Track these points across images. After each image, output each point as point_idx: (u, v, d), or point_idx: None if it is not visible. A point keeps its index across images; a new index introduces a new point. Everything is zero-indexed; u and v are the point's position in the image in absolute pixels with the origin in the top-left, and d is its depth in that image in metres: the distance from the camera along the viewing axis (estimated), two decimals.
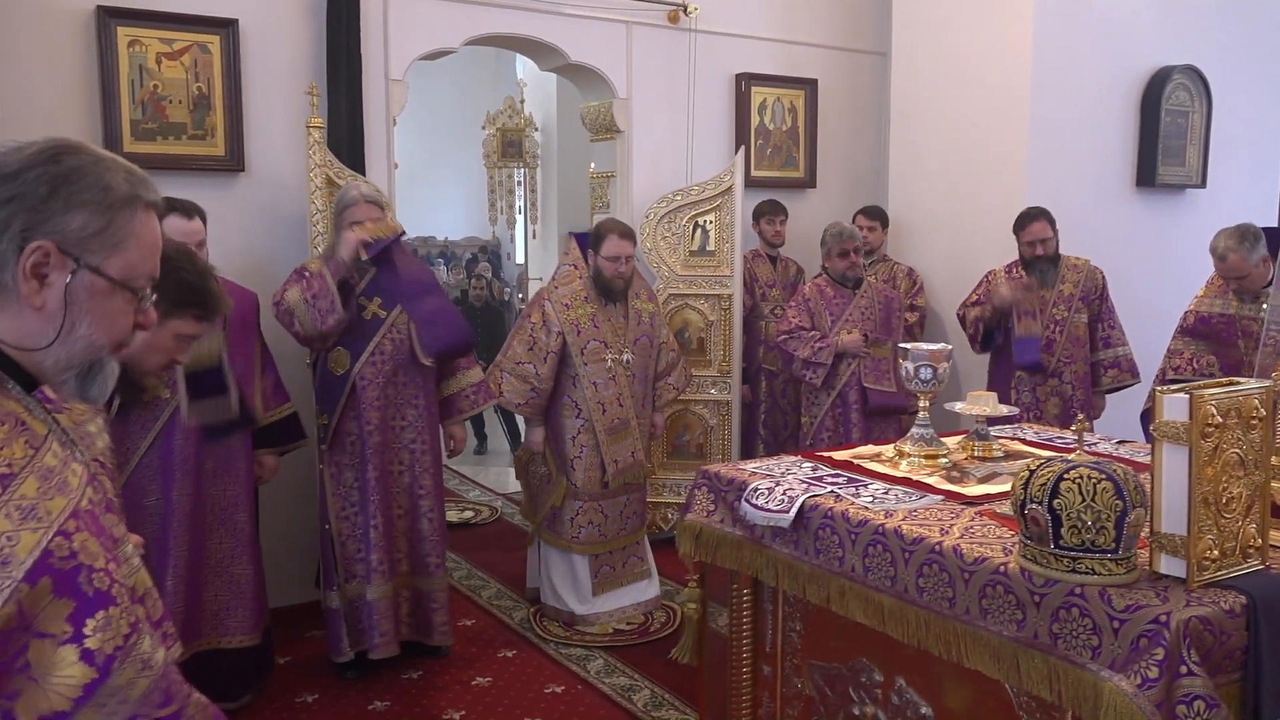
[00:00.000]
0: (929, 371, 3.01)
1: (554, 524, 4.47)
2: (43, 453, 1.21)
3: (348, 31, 4.57)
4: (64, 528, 1.15)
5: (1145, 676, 1.86)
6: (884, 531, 2.44)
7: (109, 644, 1.15)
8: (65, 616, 1.13)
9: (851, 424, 4.89)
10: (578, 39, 5.37)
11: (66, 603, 1.13)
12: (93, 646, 1.14)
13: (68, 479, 1.22)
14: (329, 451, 3.97)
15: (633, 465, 4.47)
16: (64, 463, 1.23)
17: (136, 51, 4.24)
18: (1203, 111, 5.92)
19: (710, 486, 3.04)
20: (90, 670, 1.13)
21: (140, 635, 1.20)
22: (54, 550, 1.13)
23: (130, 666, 1.17)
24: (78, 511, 1.19)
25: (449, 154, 12.80)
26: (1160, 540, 2.01)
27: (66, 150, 1.25)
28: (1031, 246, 4.89)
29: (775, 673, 2.96)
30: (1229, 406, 1.99)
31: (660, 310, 4.71)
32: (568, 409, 4.42)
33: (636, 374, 4.48)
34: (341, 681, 4.00)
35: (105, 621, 1.15)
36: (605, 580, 4.51)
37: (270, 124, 4.56)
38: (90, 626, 1.14)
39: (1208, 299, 4.37)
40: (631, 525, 4.56)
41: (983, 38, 5.57)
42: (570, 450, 4.42)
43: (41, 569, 1.12)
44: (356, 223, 3.87)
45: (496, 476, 7.57)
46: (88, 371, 1.29)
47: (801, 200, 6.17)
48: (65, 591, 1.13)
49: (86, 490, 1.24)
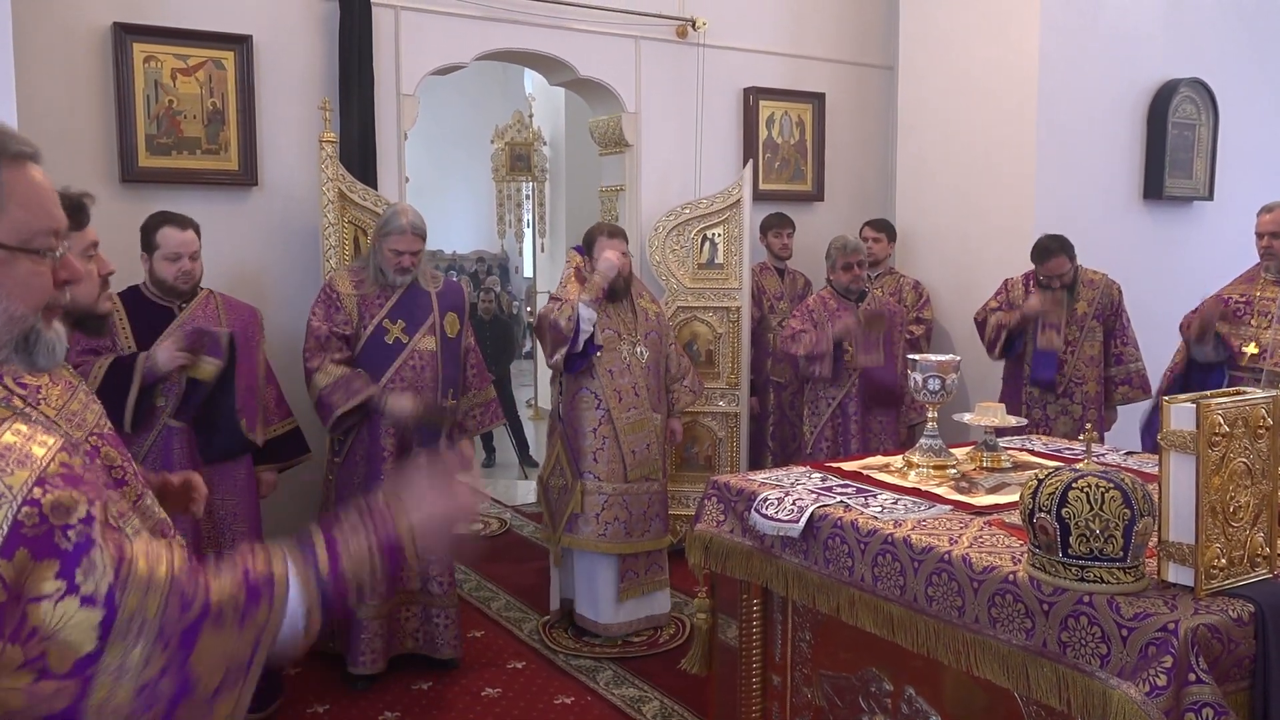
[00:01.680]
0: (937, 383, 3.02)
1: (575, 528, 4.47)
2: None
3: (360, 47, 4.62)
4: (30, 497, 1.15)
5: (1154, 684, 1.87)
6: (893, 541, 2.46)
7: (104, 581, 1.16)
8: (53, 575, 1.13)
9: (850, 434, 4.91)
10: (587, 54, 5.42)
11: (50, 563, 1.13)
12: (89, 590, 1.14)
13: (31, 450, 1.20)
14: (340, 466, 4.00)
15: (649, 458, 4.48)
16: (27, 438, 1.22)
17: (152, 67, 4.29)
18: (1209, 124, 5.94)
19: (720, 497, 3.06)
20: (97, 611, 1.14)
21: (131, 561, 1.20)
22: (23, 521, 1.13)
23: (134, 592, 1.18)
24: (44, 478, 1.17)
25: (458, 168, 12.89)
26: (1168, 549, 2.03)
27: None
28: (1051, 280, 4.87)
29: (785, 683, 2.97)
30: (1236, 416, 2.00)
31: (664, 312, 4.73)
32: (586, 401, 4.42)
33: (650, 367, 4.50)
34: (352, 692, 4.01)
35: (90, 564, 1.15)
36: (631, 586, 4.51)
37: (283, 139, 4.61)
38: (79, 574, 1.14)
39: (1233, 285, 4.37)
40: (655, 529, 4.55)
41: (989, 51, 5.60)
42: (592, 443, 4.41)
43: (14, 542, 1.12)
44: (397, 251, 3.94)
45: (505, 489, 7.59)
46: (24, 342, 1.26)
47: (809, 213, 6.20)
48: (44, 554, 1.13)
49: (59, 455, 1.22)
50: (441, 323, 4.07)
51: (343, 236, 4.42)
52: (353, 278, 4.06)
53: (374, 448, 3.97)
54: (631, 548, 4.48)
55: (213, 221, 4.36)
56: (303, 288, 4.49)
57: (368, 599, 3.90)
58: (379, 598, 3.95)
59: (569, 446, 4.47)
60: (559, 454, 4.52)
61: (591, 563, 4.50)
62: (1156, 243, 5.89)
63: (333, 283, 4.05)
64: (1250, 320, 4.15)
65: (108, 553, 1.18)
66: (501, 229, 9.83)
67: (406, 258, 3.98)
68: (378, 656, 4.00)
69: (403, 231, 3.95)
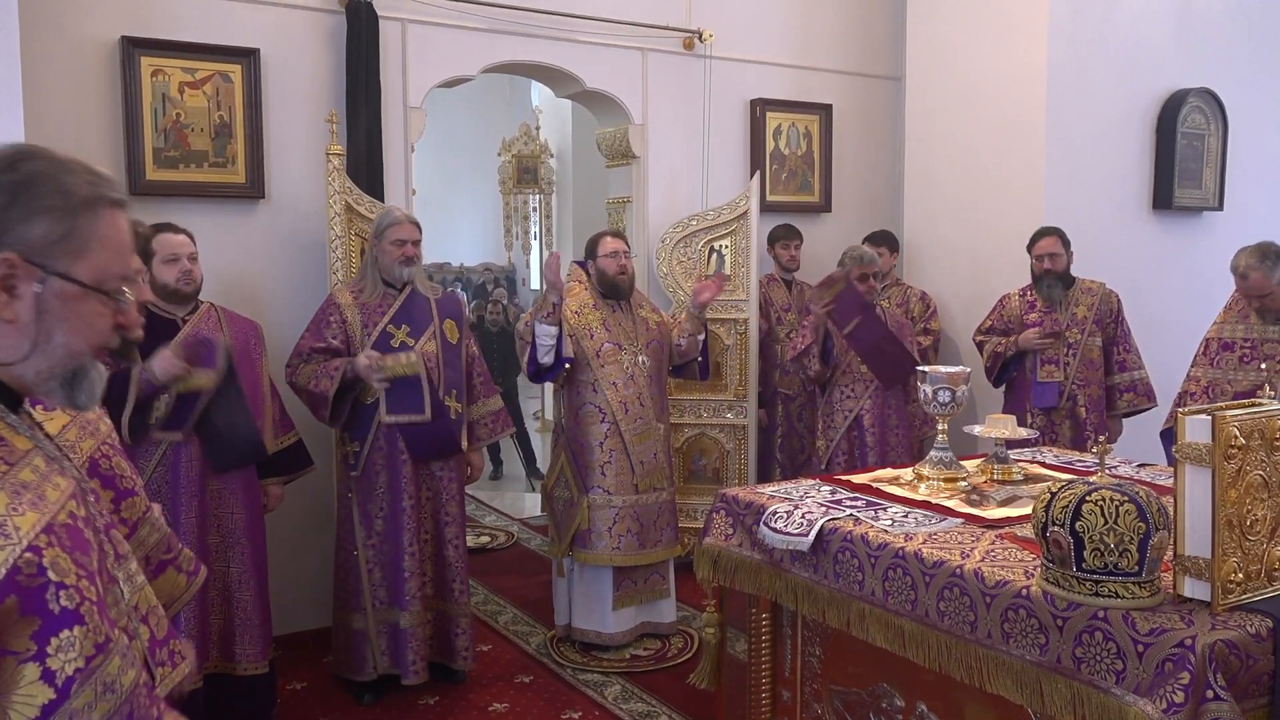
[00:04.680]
0: (948, 395, 3.00)
1: (588, 543, 4.44)
2: (18, 468, 1.19)
3: (367, 60, 4.62)
4: (34, 543, 1.13)
5: (1171, 701, 1.84)
6: (904, 555, 2.43)
7: (70, 664, 1.12)
8: (30, 634, 1.10)
9: (868, 448, 4.88)
10: (594, 66, 5.42)
11: (32, 620, 1.11)
12: (54, 666, 1.11)
13: (45, 493, 1.19)
14: (359, 479, 3.99)
15: (656, 466, 4.47)
16: (44, 477, 1.21)
17: (159, 81, 4.30)
18: (1219, 134, 5.92)
19: (728, 510, 3.04)
20: (49, 690, 1.11)
21: (108, 656, 1.17)
22: (21, 568, 1.11)
23: (91, 688, 1.14)
24: (51, 526, 1.16)
25: (465, 180, 12.90)
26: (1184, 563, 2.00)
27: (23, 156, 1.22)
28: (1040, 261, 4.92)
29: (795, 698, 2.94)
30: (1252, 428, 1.97)
31: (667, 321, 4.71)
32: (591, 416, 4.41)
33: (652, 376, 4.49)
34: (359, 707, 3.99)
35: (69, 641, 1.12)
36: (626, 595, 4.49)
37: (290, 151, 4.61)
38: (54, 645, 1.11)
39: (1228, 324, 4.33)
40: (666, 538, 4.53)
41: (997, 62, 5.59)
42: (599, 456, 4.40)
43: (8, 587, 1.10)
44: (399, 241, 3.99)
45: (512, 501, 7.57)
46: (72, 378, 1.27)
47: (817, 224, 6.18)
48: (31, 609, 1.11)
49: (69, 504, 1.21)
50: (441, 327, 4.09)
51: (350, 249, 4.42)
52: (352, 289, 4.08)
53: (392, 452, 3.97)
54: (645, 559, 4.46)
55: (220, 234, 4.37)
56: (310, 300, 4.48)
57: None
58: (419, 604, 3.99)
59: (574, 461, 4.45)
60: (563, 466, 4.50)
61: (593, 575, 4.48)
62: (1165, 253, 5.87)
63: (334, 296, 4.08)
64: (1260, 364, 4.12)
65: (90, 636, 1.15)
66: (509, 241, 9.83)
67: (410, 246, 4.02)
68: (422, 666, 4.00)
69: (400, 221, 4.03)
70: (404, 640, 3.97)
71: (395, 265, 4.02)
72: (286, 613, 4.50)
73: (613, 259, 4.47)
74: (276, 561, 4.14)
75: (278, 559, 4.28)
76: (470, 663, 4.18)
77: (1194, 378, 4.40)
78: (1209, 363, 4.33)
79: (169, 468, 3.51)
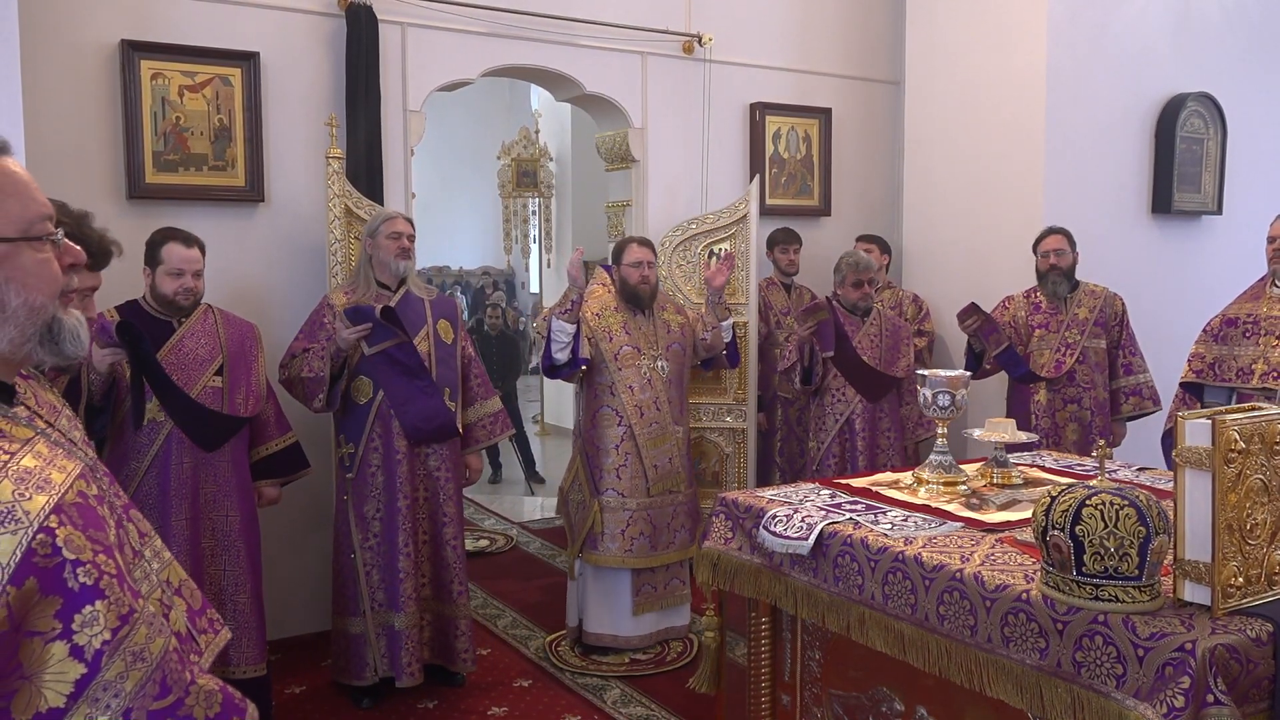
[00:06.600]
0: (947, 398, 3.00)
1: (598, 545, 4.43)
2: (19, 456, 1.19)
3: (366, 63, 4.63)
4: (46, 524, 1.13)
5: (1171, 706, 1.84)
6: (904, 559, 2.43)
7: (97, 638, 1.13)
8: (53, 613, 1.11)
9: (858, 451, 4.88)
10: (593, 70, 5.42)
11: (54, 600, 1.12)
12: (81, 642, 1.12)
13: (51, 476, 1.19)
14: (354, 480, 3.99)
15: (671, 470, 4.46)
16: (48, 462, 1.21)
17: (159, 84, 4.30)
18: (1218, 138, 5.92)
19: (728, 514, 3.03)
20: (80, 665, 1.12)
21: (133, 627, 1.17)
22: (36, 549, 1.12)
23: (121, 659, 1.15)
24: (61, 506, 1.16)
25: (464, 184, 12.91)
26: (1184, 567, 2.00)
27: None
28: (1046, 258, 4.92)
29: (794, 702, 2.94)
30: (1252, 432, 1.97)
31: (689, 322, 4.70)
32: (608, 419, 4.41)
33: (671, 380, 4.49)
34: (358, 711, 3.98)
35: (92, 616, 1.13)
36: (646, 600, 4.48)
37: (290, 155, 4.61)
38: (78, 622, 1.12)
39: (1238, 303, 4.32)
40: (681, 539, 4.52)
41: (996, 66, 5.60)
42: (614, 460, 4.40)
43: (25, 570, 1.10)
44: (395, 234, 4.03)
45: (511, 505, 7.56)
46: (48, 334, 1.26)
47: (816, 228, 6.18)
48: (52, 589, 1.12)
49: (77, 483, 1.21)
50: (435, 328, 4.10)
51: (349, 252, 4.42)
52: (346, 291, 4.09)
53: (388, 450, 3.96)
54: (656, 561, 4.45)
55: (219, 237, 4.37)
56: (309, 303, 4.48)
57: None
58: (414, 605, 3.99)
59: (589, 463, 4.46)
60: (579, 469, 4.50)
61: (609, 577, 4.47)
62: (1165, 257, 5.87)
63: (328, 298, 4.09)
64: (1259, 339, 4.11)
65: (113, 609, 1.15)
66: (508, 245, 9.81)
67: (406, 239, 4.06)
68: (417, 668, 4.00)
69: (393, 216, 4.09)
70: (398, 642, 3.96)
71: (392, 260, 4.03)
72: (284, 616, 4.50)
73: (635, 269, 4.46)
74: (274, 565, 4.13)
75: (275, 563, 4.28)
76: (470, 665, 4.17)
77: (1198, 355, 4.35)
78: (1212, 338, 4.28)
79: (160, 471, 3.52)
